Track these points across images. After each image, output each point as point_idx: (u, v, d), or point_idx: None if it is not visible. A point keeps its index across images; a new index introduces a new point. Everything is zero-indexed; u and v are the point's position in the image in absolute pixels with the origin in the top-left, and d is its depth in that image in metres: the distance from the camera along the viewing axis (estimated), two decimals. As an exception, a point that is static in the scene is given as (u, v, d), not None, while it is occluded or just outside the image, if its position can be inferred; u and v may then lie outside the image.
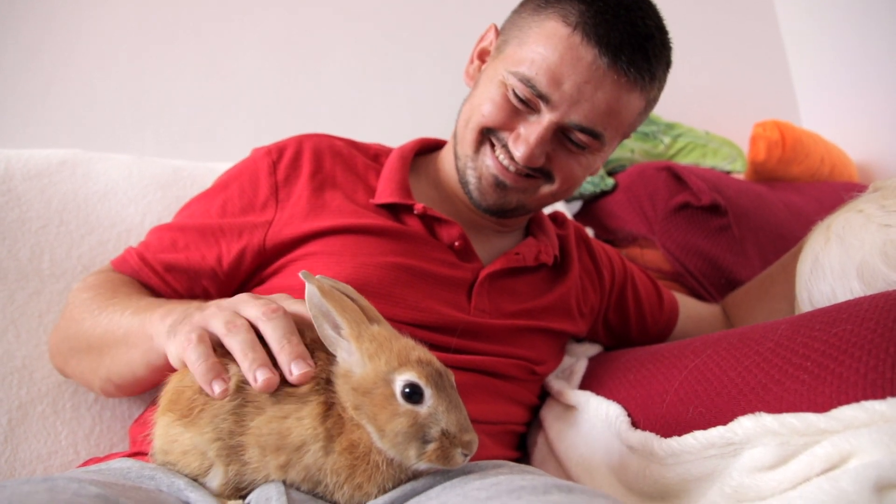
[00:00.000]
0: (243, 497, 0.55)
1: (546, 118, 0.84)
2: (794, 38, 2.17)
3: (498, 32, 0.93)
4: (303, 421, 0.53)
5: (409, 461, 0.53)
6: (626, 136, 0.95)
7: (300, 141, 0.93)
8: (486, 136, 0.89)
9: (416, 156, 1.01)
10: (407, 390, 0.52)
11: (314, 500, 0.54)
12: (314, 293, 0.55)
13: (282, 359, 0.54)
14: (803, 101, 2.13)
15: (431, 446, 0.52)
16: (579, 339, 1.15)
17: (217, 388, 0.54)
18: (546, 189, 0.92)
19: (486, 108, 0.87)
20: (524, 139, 0.85)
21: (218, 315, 0.58)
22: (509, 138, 0.87)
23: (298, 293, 0.59)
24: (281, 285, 0.83)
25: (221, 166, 1.05)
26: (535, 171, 0.89)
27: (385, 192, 0.91)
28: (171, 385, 0.59)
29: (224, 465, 0.55)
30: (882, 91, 1.89)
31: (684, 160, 1.62)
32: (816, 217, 1.52)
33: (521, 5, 0.90)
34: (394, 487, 0.54)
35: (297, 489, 0.55)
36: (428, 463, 0.52)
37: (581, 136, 0.85)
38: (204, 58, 1.41)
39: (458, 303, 0.87)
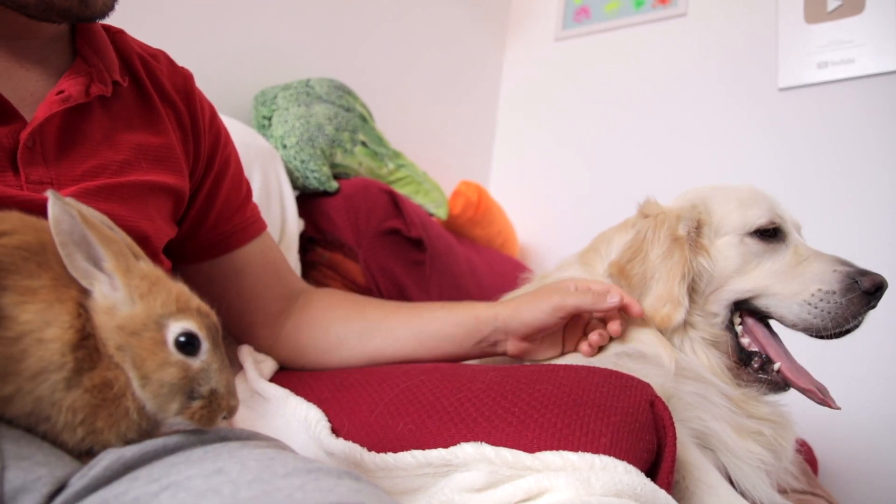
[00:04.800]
0: None
1: None
2: (505, 121, 2.51)
3: None
4: (47, 344, 0.45)
5: (167, 415, 0.48)
6: None
7: None
8: None
9: None
10: (182, 339, 0.48)
11: (29, 436, 0.46)
12: (64, 219, 0.47)
13: None
14: (495, 172, 2.47)
15: (197, 404, 0.49)
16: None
17: None
18: None
19: None
20: None
21: None
22: None
23: None
24: None
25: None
26: None
27: None
28: None
29: None
30: (557, 190, 2.31)
31: (400, 190, 1.74)
32: (488, 277, 1.77)
33: None
34: (136, 438, 0.48)
35: (9, 422, 0.46)
36: (188, 421, 0.49)
37: None
38: None
39: (5, 180, 0.67)
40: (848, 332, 0.90)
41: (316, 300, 1.05)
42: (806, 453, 1.48)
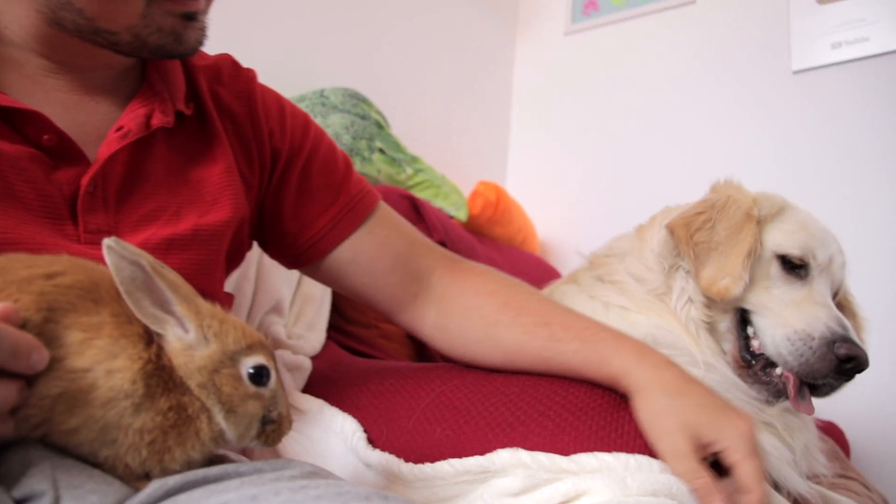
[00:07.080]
0: None
1: None
2: (519, 119, 2.52)
3: None
4: (115, 374, 0.47)
5: (244, 441, 0.53)
6: None
7: None
8: None
9: None
10: (252, 371, 0.52)
11: (80, 465, 0.48)
12: (124, 266, 0.49)
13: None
14: (512, 170, 2.48)
15: (270, 427, 0.53)
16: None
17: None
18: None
19: None
20: None
21: None
22: None
23: None
24: None
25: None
26: None
27: None
28: None
29: None
30: (574, 185, 2.31)
31: (419, 194, 1.76)
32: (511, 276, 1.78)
33: None
34: (198, 458, 0.51)
35: (61, 451, 0.48)
36: (260, 442, 0.53)
37: None
38: None
39: (64, 231, 0.64)
40: (816, 388, 0.88)
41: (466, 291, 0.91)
42: (837, 436, 1.48)
